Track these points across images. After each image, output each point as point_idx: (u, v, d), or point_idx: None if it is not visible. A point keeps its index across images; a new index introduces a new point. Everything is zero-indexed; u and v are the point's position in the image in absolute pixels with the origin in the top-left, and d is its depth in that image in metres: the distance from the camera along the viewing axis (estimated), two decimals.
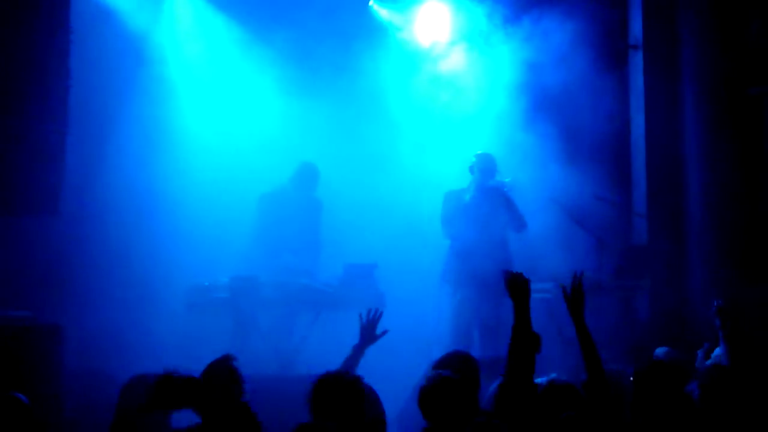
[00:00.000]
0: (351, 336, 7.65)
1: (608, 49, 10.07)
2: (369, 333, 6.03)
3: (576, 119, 9.71)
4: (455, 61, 10.48)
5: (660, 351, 6.71)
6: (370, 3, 10.71)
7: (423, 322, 9.25)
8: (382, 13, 10.74)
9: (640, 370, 5.00)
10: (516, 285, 4.88)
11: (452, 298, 9.01)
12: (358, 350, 5.94)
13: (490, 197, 8.96)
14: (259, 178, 9.58)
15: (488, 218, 8.90)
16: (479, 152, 9.19)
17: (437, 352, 6.34)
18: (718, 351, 6.48)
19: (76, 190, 8.94)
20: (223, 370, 5.36)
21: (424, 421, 4.77)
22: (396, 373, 7.44)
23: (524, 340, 4.76)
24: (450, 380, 4.76)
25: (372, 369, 7.02)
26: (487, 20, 10.15)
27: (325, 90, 10.10)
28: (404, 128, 10.27)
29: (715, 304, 6.45)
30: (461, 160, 9.52)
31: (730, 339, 6.28)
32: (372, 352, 6.21)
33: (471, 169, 9.14)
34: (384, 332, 6.08)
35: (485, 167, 9.05)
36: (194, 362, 5.69)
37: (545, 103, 9.78)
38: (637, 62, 10.11)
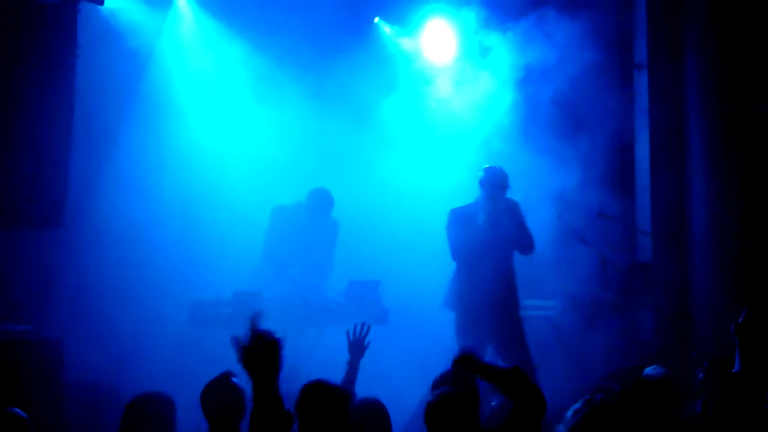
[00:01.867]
0: None
1: (613, 67, 10.08)
2: (358, 347, 6.06)
3: (581, 137, 9.70)
4: (458, 77, 10.47)
5: (649, 369, 6.64)
6: (376, 20, 10.73)
7: (427, 338, 9.21)
8: (387, 30, 10.76)
9: (626, 391, 4.94)
10: (466, 366, 4.78)
11: (459, 321, 8.70)
12: (352, 365, 5.96)
13: (505, 218, 8.52)
14: (267, 192, 9.58)
15: (501, 240, 8.50)
16: (487, 166, 8.65)
17: (441, 369, 6.28)
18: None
19: (81, 204, 8.94)
20: (225, 386, 5.33)
21: None
22: (399, 390, 7.41)
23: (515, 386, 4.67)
24: (458, 396, 4.73)
25: (376, 385, 7.03)
26: (490, 38, 10.14)
27: (328, 105, 10.11)
28: (408, 144, 10.27)
29: (738, 321, 6.39)
30: (463, 175, 9.47)
31: (746, 356, 6.23)
32: (376, 368, 6.21)
33: (481, 184, 8.58)
34: (368, 343, 6.13)
35: (497, 182, 8.51)
36: (196, 378, 5.66)
37: (549, 121, 9.77)
38: (642, 81, 10.12)
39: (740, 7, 9.21)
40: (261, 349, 4.05)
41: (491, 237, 8.43)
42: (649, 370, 6.42)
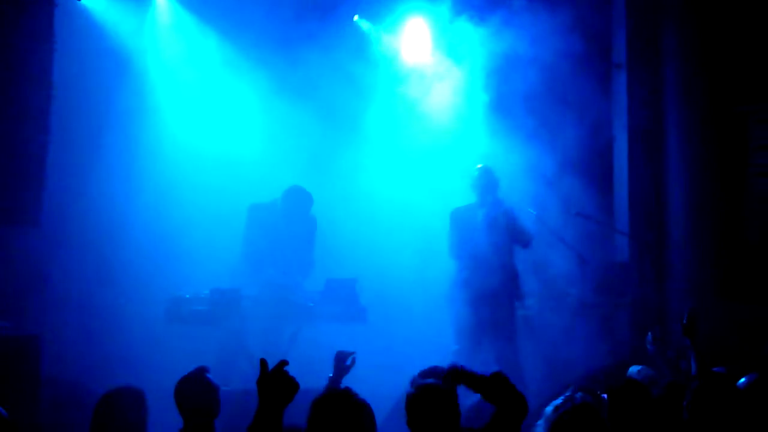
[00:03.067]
0: (332, 350, 7.64)
1: (592, 67, 10.10)
2: (342, 367, 6.07)
3: (559, 136, 9.72)
4: (435, 74, 10.49)
5: (633, 369, 6.69)
6: (355, 18, 10.72)
7: (404, 336, 9.23)
8: (366, 27, 10.75)
9: (614, 389, 4.97)
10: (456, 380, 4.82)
11: (460, 318, 8.81)
12: (335, 383, 5.97)
13: (496, 214, 8.79)
14: (244, 190, 9.55)
15: (495, 235, 8.71)
16: (479, 166, 8.99)
17: (418, 366, 6.30)
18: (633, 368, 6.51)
19: (58, 200, 8.89)
20: (198, 382, 5.32)
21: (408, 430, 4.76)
22: (377, 387, 7.40)
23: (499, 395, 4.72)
24: (438, 389, 4.75)
25: (353, 384, 7.01)
26: (469, 36, 10.15)
27: (307, 103, 10.08)
28: (386, 142, 10.28)
29: (683, 319, 6.47)
30: (441, 175, 9.53)
31: (697, 351, 6.31)
32: (353, 366, 6.22)
33: (473, 185, 8.92)
34: (353, 362, 6.17)
35: (488, 183, 8.86)
36: (173, 374, 5.65)
37: (528, 120, 9.79)
38: (620, 81, 10.17)
39: (718, 7, 9.26)
40: (283, 379, 4.13)
41: (489, 234, 8.63)
42: (633, 370, 6.46)
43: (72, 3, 9.20)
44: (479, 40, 10.05)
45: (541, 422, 4.61)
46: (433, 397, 4.70)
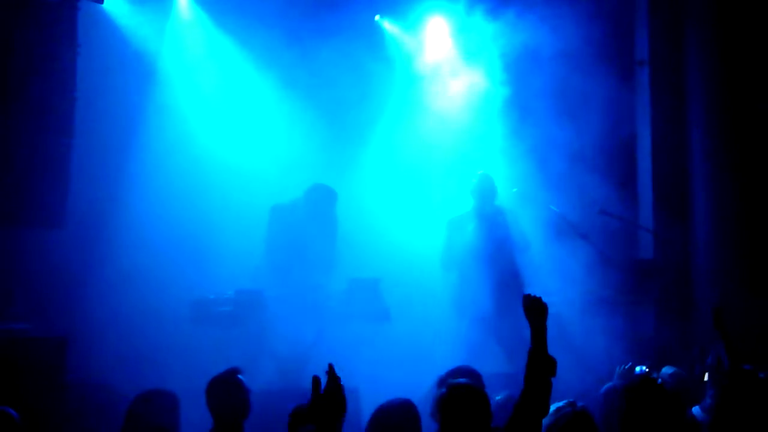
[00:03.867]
0: (356, 349, 7.65)
1: (615, 64, 10.06)
2: None
3: (583, 133, 9.69)
4: (459, 76, 10.47)
5: (666, 371, 6.65)
6: (377, 18, 10.72)
7: (427, 336, 9.22)
8: (388, 27, 10.75)
9: (631, 387, 4.94)
10: (534, 309, 4.85)
11: (463, 327, 8.84)
12: None
13: (493, 223, 8.83)
14: (268, 192, 9.56)
15: (495, 244, 8.73)
16: (479, 173, 9.05)
17: (441, 367, 6.29)
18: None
19: (83, 203, 8.93)
20: (231, 383, 5.34)
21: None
22: (400, 388, 7.40)
23: (541, 364, 4.73)
24: (473, 389, 4.76)
25: (377, 383, 7.03)
26: (488, 32, 10.13)
27: (331, 104, 10.11)
28: (409, 142, 10.27)
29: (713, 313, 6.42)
30: (465, 175, 9.51)
31: (729, 348, 6.25)
32: (377, 366, 6.21)
33: (472, 192, 9.00)
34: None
35: (483, 190, 8.93)
36: (198, 376, 5.67)
37: (552, 118, 9.76)
38: (643, 78, 10.11)
39: (740, 4, 9.21)
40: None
41: (485, 242, 8.65)
42: (666, 371, 6.42)
43: (94, 7, 9.24)
44: (498, 36, 10.04)
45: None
46: (467, 397, 4.70)
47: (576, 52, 9.67)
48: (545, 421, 4.61)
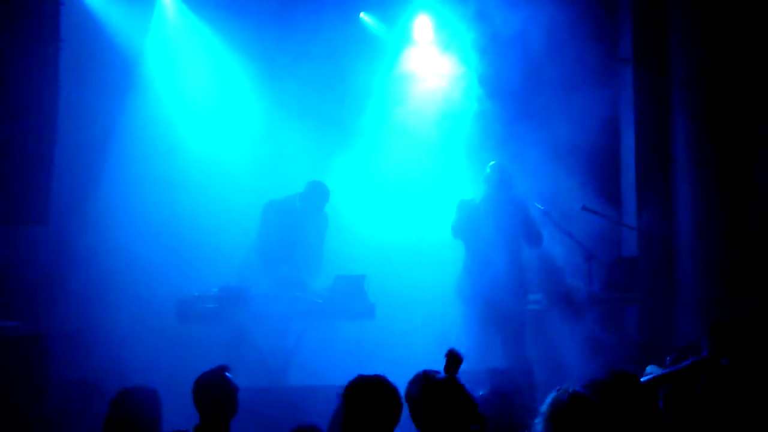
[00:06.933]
0: (341, 347, 7.65)
1: (599, 62, 10.08)
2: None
3: (566, 131, 9.71)
4: (442, 73, 10.48)
5: (651, 369, 6.66)
6: (361, 15, 10.72)
7: (413, 332, 9.23)
8: (372, 24, 10.75)
9: (597, 382, 4.91)
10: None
11: (467, 309, 8.84)
12: None
13: (507, 210, 8.76)
14: (251, 187, 9.56)
15: (503, 230, 8.68)
16: (493, 162, 8.94)
17: (426, 364, 6.30)
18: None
19: (66, 200, 8.90)
20: (218, 380, 5.33)
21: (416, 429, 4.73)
22: None
23: None
24: (454, 384, 4.69)
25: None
26: (474, 33, 10.15)
27: (315, 101, 10.10)
28: (394, 139, 10.28)
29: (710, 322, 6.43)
30: (453, 174, 9.53)
31: (712, 344, 6.27)
32: (362, 363, 6.20)
33: (486, 180, 8.87)
34: None
35: (501, 179, 8.82)
36: (183, 373, 5.66)
37: (535, 115, 9.79)
38: (627, 76, 10.14)
39: (723, 4, 9.25)
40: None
41: (497, 231, 8.59)
42: (650, 369, 6.42)
43: (78, 2, 9.20)
44: (481, 33, 10.06)
45: (539, 420, 4.58)
46: (446, 393, 4.64)
47: (559, 50, 9.69)
48: (543, 411, 4.55)
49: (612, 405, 4.58)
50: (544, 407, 4.53)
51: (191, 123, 10.16)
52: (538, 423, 4.52)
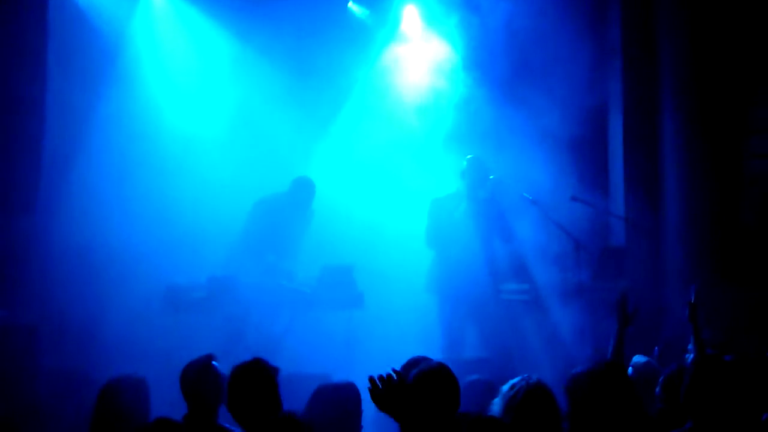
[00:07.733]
0: (327, 336, 7.65)
1: (587, 51, 10.08)
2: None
3: (554, 120, 9.72)
4: (429, 61, 10.48)
5: (637, 359, 6.68)
6: (349, 4, 10.70)
7: (402, 321, 9.25)
8: (360, 12, 10.73)
9: (584, 372, 4.90)
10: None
11: (440, 307, 8.89)
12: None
13: (483, 209, 8.82)
14: (241, 177, 9.56)
15: (478, 227, 8.75)
16: (470, 156, 8.98)
17: (415, 352, 6.31)
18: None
19: (53, 188, 8.88)
20: (205, 369, 5.34)
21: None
22: (372, 373, 7.42)
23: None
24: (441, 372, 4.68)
25: (351, 369, 7.05)
26: (462, 22, 10.14)
27: (302, 90, 10.09)
28: (381, 129, 10.27)
29: (689, 300, 6.45)
30: (439, 163, 9.53)
31: (697, 336, 6.30)
32: (350, 352, 6.23)
33: (462, 174, 8.93)
34: None
35: (477, 174, 8.86)
36: (170, 362, 5.66)
37: (523, 104, 9.79)
38: (615, 66, 10.15)
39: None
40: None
41: (468, 230, 8.67)
42: (637, 360, 6.45)
43: None
44: (469, 23, 10.05)
45: (497, 400, 4.61)
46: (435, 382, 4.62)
47: (549, 40, 9.70)
48: (502, 397, 4.59)
49: (598, 395, 4.60)
50: (504, 390, 4.59)
51: (177, 109, 10.09)
52: (496, 404, 4.58)
